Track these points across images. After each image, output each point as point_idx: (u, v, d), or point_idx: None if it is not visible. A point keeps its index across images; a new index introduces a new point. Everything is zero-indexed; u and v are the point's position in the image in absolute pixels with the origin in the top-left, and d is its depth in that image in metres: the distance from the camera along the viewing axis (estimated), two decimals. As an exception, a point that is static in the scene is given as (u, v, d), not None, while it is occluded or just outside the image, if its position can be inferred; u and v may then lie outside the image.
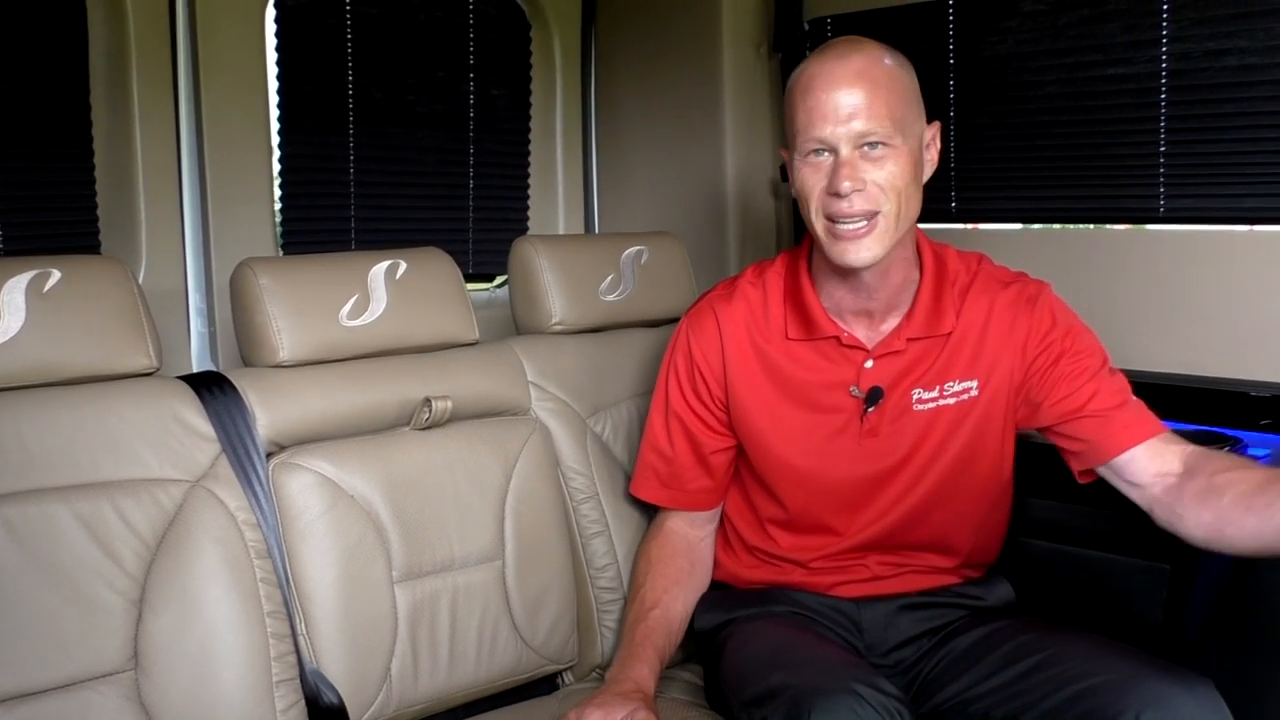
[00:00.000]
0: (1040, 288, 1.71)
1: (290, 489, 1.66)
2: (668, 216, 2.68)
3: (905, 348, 1.68)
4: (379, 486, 1.72)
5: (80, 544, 1.48)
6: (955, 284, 1.70)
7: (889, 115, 1.55)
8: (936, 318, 1.68)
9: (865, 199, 1.56)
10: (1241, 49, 1.96)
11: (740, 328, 1.75)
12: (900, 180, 1.57)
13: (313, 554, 1.66)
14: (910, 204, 1.59)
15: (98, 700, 1.46)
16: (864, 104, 1.55)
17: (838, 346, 1.70)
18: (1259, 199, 1.99)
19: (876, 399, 1.68)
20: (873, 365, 1.68)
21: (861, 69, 1.56)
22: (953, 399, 1.68)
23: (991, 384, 1.68)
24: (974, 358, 1.68)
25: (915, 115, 1.61)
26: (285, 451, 1.69)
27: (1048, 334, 1.67)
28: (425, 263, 1.89)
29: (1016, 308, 1.68)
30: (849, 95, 1.55)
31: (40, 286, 1.52)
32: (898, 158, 1.56)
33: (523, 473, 1.86)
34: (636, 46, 2.81)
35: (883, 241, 1.58)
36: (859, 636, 1.74)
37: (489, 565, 1.80)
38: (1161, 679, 1.40)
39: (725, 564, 1.87)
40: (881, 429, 1.69)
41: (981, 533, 1.78)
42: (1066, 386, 1.64)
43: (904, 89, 1.59)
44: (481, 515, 1.80)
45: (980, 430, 1.69)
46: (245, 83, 2.34)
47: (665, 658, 1.73)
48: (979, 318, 1.69)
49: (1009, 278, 1.73)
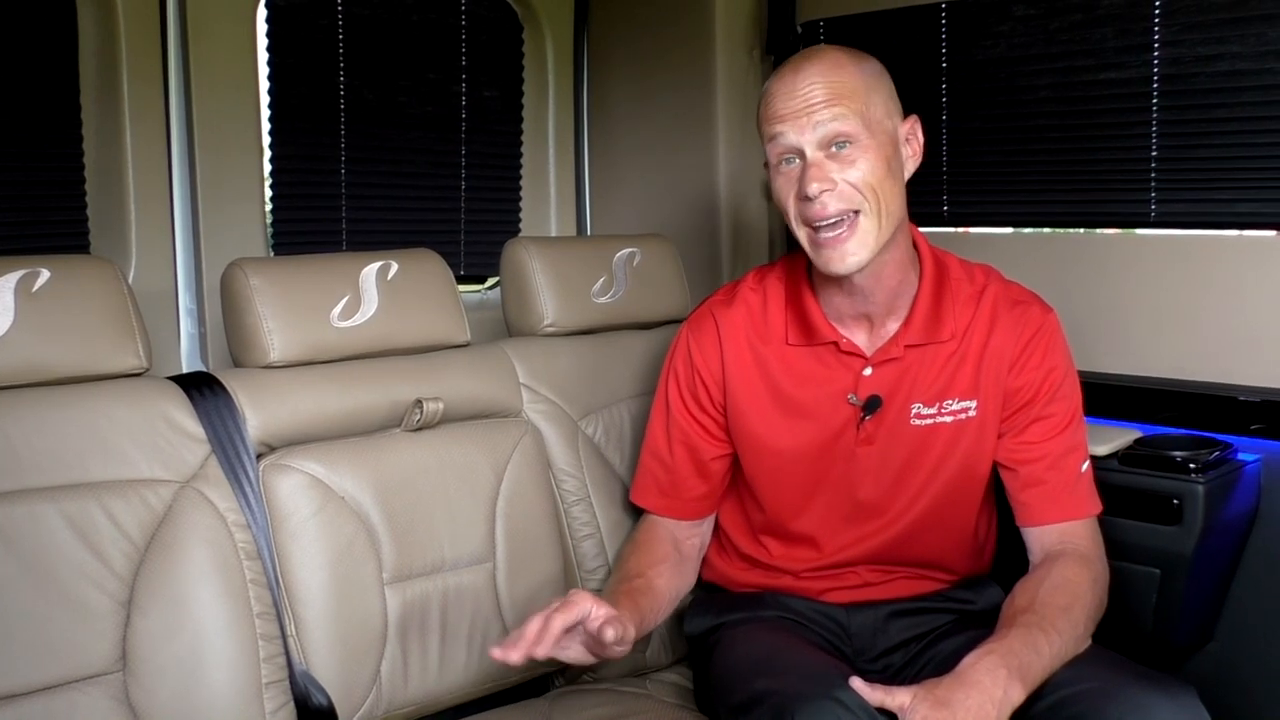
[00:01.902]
0: (1045, 317, 1.70)
1: (280, 490, 1.66)
2: (660, 219, 2.68)
3: (903, 354, 1.67)
4: (370, 488, 1.71)
5: (68, 545, 1.47)
6: (958, 291, 1.69)
7: (852, 113, 1.54)
8: (935, 323, 1.67)
9: (838, 198, 1.55)
10: (1233, 54, 1.96)
11: (740, 332, 1.75)
12: (873, 176, 1.55)
13: (303, 555, 1.65)
14: (890, 201, 1.57)
15: (85, 702, 1.45)
16: (823, 105, 1.54)
17: (836, 353, 1.69)
18: (1250, 204, 1.99)
19: (874, 407, 1.67)
20: (871, 373, 1.68)
21: (819, 72, 1.56)
22: (950, 417, 1.67)
23: (988, 404, 1.68)
24: (975, 376, 1.67)
25: (885, 111, 1.58)
26: (275, 453, 1.69)
27: (1034, 369, 1.67)
28: (417, 264, 1.89)
29: (1015, 330, 1.68)
30: (806, 99, 1.55)
31: (29, 286, 1.52)
32: (868, 154, 1.55)
33: (514, 475, 1.85)
34: (629, 48, 2.81)
35: (866, 244, 1.57)
36: (847, 642, 1.74)
37: (480, 567, 1.80)
38: (1143, 687, 1.40)
39: (718, 566, 1.87)
40: (878, 438, 1.68)
41: (972, 549, 1.78)
42: (1025, 436, 1.67)
43: (868, 86, 1.57)
44: (472, 517, 1.80)
45: (975, 450, 1.69)
46: (236, 83, 2.33)
47: (644, 615, 1.64)
48: (982, 334, 1.68)
49: (1019, 297, 1.71)
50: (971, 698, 1.37)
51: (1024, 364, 1.67)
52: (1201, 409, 2.01)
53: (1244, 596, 1.99)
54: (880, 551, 1.73)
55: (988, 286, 1.71)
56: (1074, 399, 1.69)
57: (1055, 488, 1.65)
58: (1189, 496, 1.85)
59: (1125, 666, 1.47)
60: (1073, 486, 1.66)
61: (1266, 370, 1.95)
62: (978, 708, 1.37)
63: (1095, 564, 1.62)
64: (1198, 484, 1.85)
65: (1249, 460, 1.95)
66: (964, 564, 1.78)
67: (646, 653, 1.98)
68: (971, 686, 1.39)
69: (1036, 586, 1.56)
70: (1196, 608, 1.96)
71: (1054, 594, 1.54)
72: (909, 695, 1.39)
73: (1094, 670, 1.46)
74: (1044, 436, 1.67)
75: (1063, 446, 1.67)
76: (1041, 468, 1.66)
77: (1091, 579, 1.59)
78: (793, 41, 2.56)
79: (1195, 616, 1.97)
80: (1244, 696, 1.97)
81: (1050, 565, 1.60)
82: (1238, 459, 1.94)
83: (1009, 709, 1.39)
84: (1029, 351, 1.67)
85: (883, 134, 1.57)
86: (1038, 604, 1.51)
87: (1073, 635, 1.50)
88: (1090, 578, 1.59)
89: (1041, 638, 1.46)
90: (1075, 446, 1.68)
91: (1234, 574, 2.00)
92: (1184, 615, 1.93)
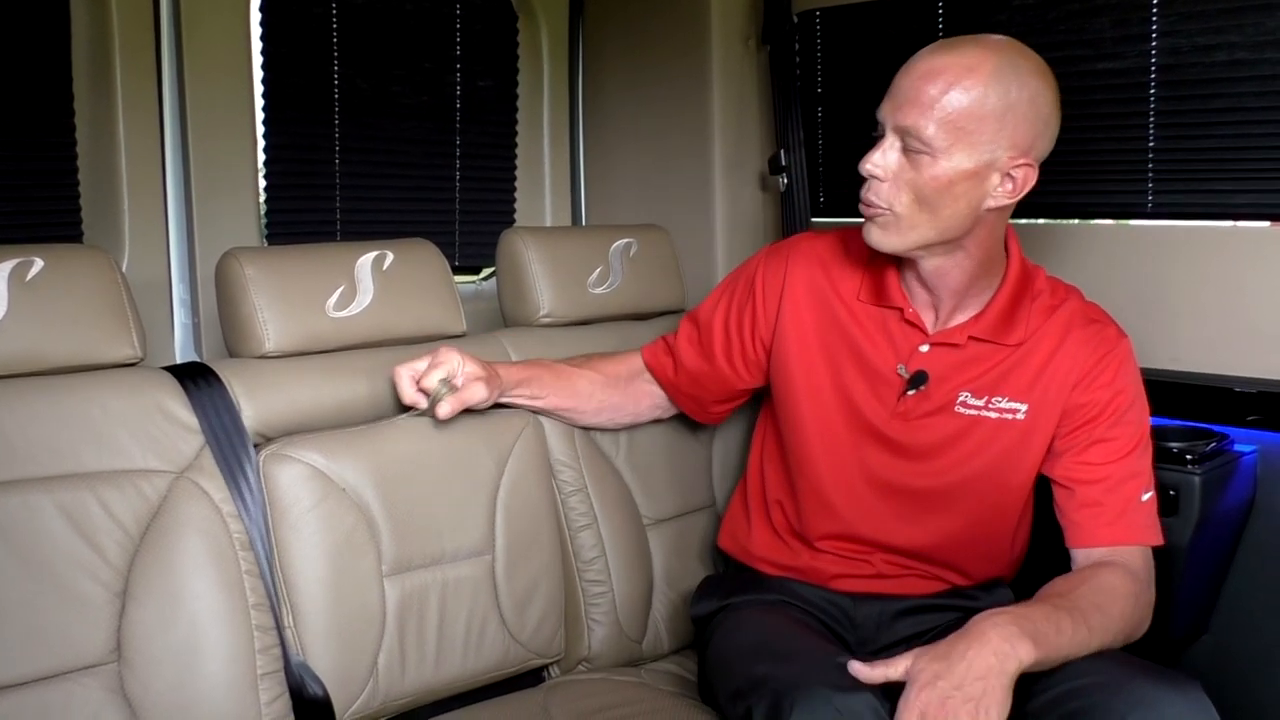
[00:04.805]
0: (1120, 341, 1.66)
1: (281, 481, 1.64)
2: (655, 209, 2.67)
3: (965, 344, 1.65)
4: (371, 479, 1.70)
5: (62, 535, 1.46)
6: (1036, 301, 1.67)
7: (946, 121, 1.48)
8: (1007, 326, 1.65)
9: (878, 193, 1.55)
10: (1231, 44, 1.95)
11: (816, 268, 1.75)
12: (929, 190, 1.51)
13: (303, 547, 1.64)
14: (941, 220, 1.54)
15: (80, 692, 1.45)
16: (922, 100, 1.49)
17: (899, 322, 1.68)
18: (1247, 194, 1.98)
19: (920, 383, 1.66)
20: (927, 350, 1.67)
21: (944, 66, 1.49)
22: (995, 414, 1.65)
23: (1042, 413, 1.65)
24: (1032, 382, 1.65)
25: (993, 136, 1.49)
26: (276, 443, 1.68)
27: (1102, 388, 1.63)
28: (412, 254, 1.88)
29: (1088, 347, 1.64)
30: (913, 87, 1.51)
31: (23, 275, 1.51)
32: (935, 167, 1.50)
33: (515, 467, 1.84)
34: (624, 37, 2.80)
35: (889, 238, 1.57)
36: (851, 631, 1.74)
37: (479, 559, 1.79)
38: (1149, 681, 1.38)
39: (737, 535, 1.88)
40: (914, 416, 1.68)
41: (996, 558, 1.76)
42: (1086, 456, 1.63)
43: (990, 104, 1.48)
44: (473, 509, 1.79)
45: (1016, 454, 1.66)
46: (230, 72, 2.32)
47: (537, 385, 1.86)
48: (1051, 344, 1.65)
49: (1095, 316, 1.69)
50: (973, 648, 1.35)
51: (1091, 382, 1.63)
52: (1198, 400, 2.01)
53: (1240, 588, 1.99)
54: (898, 533, 1.72)
55: (1067, 301, 1.69)
56: (1141, 426, 1.65)
57: (1111, 511, 1.60)
58: (1185, 487, 1.85)
59: (1130, 661, 1.45)
60: (1129, 512, 1.60)
61: (1263, 361, 1.95)
62: (979, 658, 1.34)
63: (1144, 584, 1.57)
64: (1194, 475, 1.85)
65: (1245, 451, 1.95)
66: (983, 570, 1.75)
67: (643, 642, 1.99)
68: (975, 638, 1.37)
69: (1079, 582, 1.52)
70: (1192, 599, 1.97)
71: (1094, 592, 1.50)
72: (909, 657, 1.38)
73: (1099, 664, 1.44)
74: (1105, 459, 1.62)
75: (1124, 472, 1.61)
76: (1099, 490, 1.61)
77: (1135, 593, 1.54)
78: (789, 31, 2.55)
79: (1191, 608, 1.97)
80: (1240, 687, 1.98)
81: (1097, 569, 1.56)
82: (1234, 450, 1.94)
83: (1015, 665, 1.35)
84: (1098, 370, 1.63)
85: (976, 158, 1.50)
86: (1074, 595, 1.48)
87: (1102, 634, 1.46)
88: (1134, 591, 1.54)
89: (1067, 620, 1.43)
90: (1137, 474, 1.62)
91: (1230, 565, 2.00)
92: (1180, 607, 1.93)
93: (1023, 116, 1.50)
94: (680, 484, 2.12)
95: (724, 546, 1.94)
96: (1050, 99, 1.54)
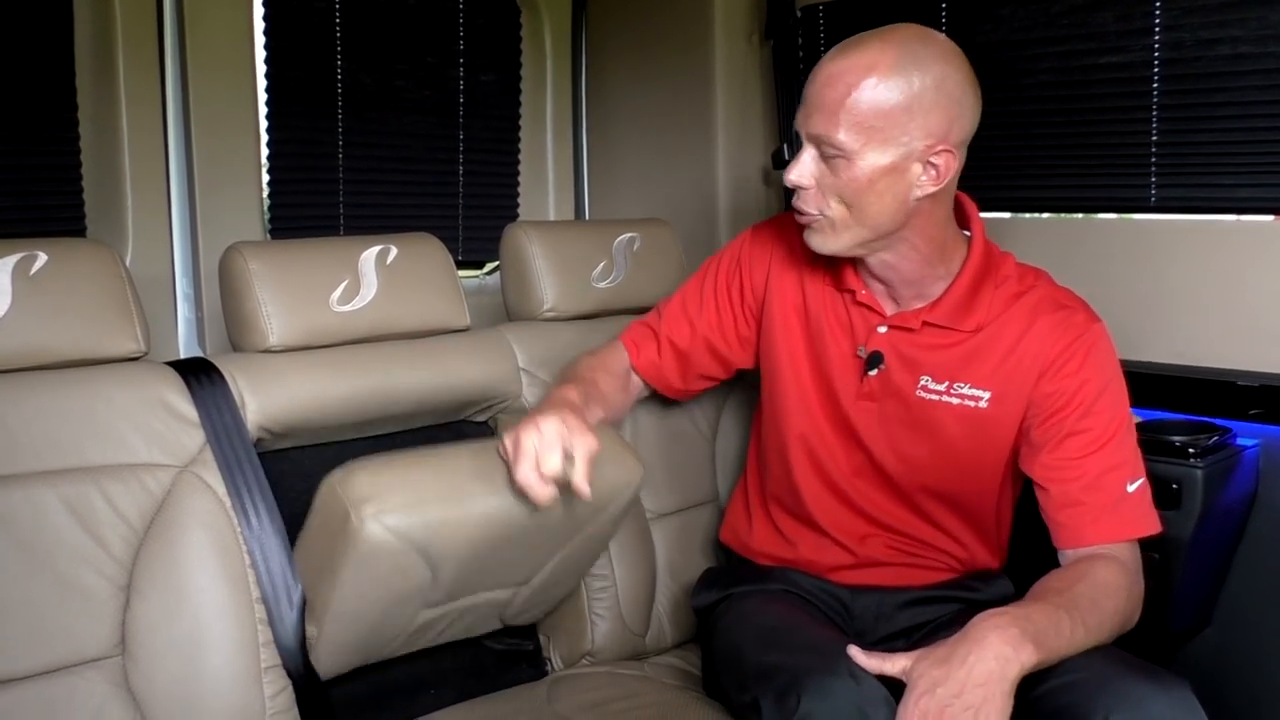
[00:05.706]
0: (1089, 326, 1.61)
1: (362, 547, 1.51)
2: (658, 203, 2.67)
3: (919, 329, 1.66)
4: (452, 545, 1.57)
5: (67, 529, 1.47)
6: (1001, 287, 1.65)
7: (854, 123, 1.48)
8: (964, 312, 1.64)
9: (805, 200, 1.57)
10: (1234, 38, 1.95)
11: (798, 249, 1.74)
12: (851, 191, 1.52)
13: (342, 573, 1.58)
14: (870, 218, 1.54)
15: (84, 686, 1.45)
16: (827, 106, 1.50)
17: (854, 303, 1.70)
18: (1250, 189, 1.98)
19: (877, 363, 1.67)
20: (885, 332, 1.68)
21: (844, 69, 1.50)
22: (956, 399, 1.65)
23: (1006, 401, 1.63)
24: (995, 369, 1.63)
25: (904, 129, 1.49)
26: (370, 505, 1.50)
27: (1067, 376, 1.59)
28: (416, 248, 1.88)
29: (1055, 334, 1.60)
30: (818, 95, 1.51)
31: (27, 269, 1.51)
32: (853, 169, 1.50)
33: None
34: (627, 32, 2.80)
35: (827, 242, 1.59)
36: (850, 623, 1.74)
37: (504, 588, 1.76)
38: (1136, 679, 1.37)
39: (738, 530, 1.89)
40: (880, 398, 1.69)
41: (983, 538, 1.76)
42: (1061, 451, 1.58)
43: (894, 99, 1.48)
44: (520, 551, 1.72)
45: (979, 440, 1.66)
46: (233, 66, 2.32)
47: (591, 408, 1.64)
48: (1016, 331, 1.62)
49: (1065, 301, 1.65)
50: (974, 653, 1.34)
51: (1058, 371, 1.59)
52: (1200, 394, 2.01)
53: (1241, 582, 1.99)
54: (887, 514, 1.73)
55: (1035, 287, 1.66)
56: (1116, 414, 1.59)
57: (1093, 509, 1.56)
58: (1188, 481, 1.85)
59: (1118, 657, 1.45)
60: (1114, 507, 1.56)
61: (1266, 355, 1.95)
62: (979, 664, 1.33)
63: (1134, 577, 1.55)
64: (1196, 469, 1.85)
65: (1248, 445, 1.95)
66: (975, 554, 1.76)
67: (647, 636, 1.99)
68: (975, 642, 1.35)
69: (1075, 578, 1.50)
70: (1194, 593, 1.97)
71: (1091, 589, 1.48)
72: (909, 658, 1.38)
73: (1086, 660, 1.43)
74: (1079, 453, 1.57)
75: (1101, 465, 1.56)
76: (1077, 488, 1.56)
77: (1127, 586, 1.52)
78: (791, 26, 2.55)
79: (1192, 602, 1.97)
80: (1241, 681, 1.98)
81: (1092, 563, 1.53)
82: (1236, 444, 1.94)
83: (1017, 669, 1.34)
84: (1065, 358, 1.59)
85: (891, 152, 1.50)
86: (1071, 592, 1.47)
87: (1097, 631, 1.45)
88: (1126, 585, 1.52)
89: (1066, 619, 1.41)
90: (1117, 465, 1.57)
91: (1232, 559, 2.00)
92: (1181, 600, 1.93)
93: (932, 104, 1.49)
94: (683, 478, 2.12)
95: (725, 540, 1.95)
96: (959, 79, 1.52)
